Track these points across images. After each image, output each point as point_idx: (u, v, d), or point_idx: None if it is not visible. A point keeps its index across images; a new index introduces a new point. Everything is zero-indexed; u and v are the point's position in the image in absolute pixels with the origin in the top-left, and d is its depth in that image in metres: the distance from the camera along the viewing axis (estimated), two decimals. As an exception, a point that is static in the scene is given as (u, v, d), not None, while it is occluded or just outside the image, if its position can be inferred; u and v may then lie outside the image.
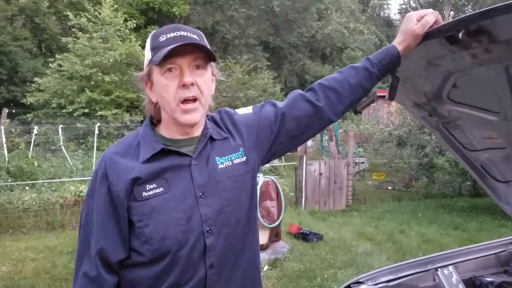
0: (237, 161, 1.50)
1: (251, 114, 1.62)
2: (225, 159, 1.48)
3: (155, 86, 1.41)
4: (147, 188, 1.37)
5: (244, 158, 1.52)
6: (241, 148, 1.52)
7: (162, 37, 1.38)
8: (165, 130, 1.48)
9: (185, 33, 1.39)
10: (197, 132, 1.48)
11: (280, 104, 1.64)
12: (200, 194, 1.39)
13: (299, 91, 1.68)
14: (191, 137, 1.47)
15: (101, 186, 1.38)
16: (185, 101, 1.37)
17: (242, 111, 1.64)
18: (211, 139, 1.49)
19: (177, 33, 1.38)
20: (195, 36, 1.40)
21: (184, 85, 1.35)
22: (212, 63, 1.46)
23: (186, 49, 1.35)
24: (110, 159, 1.41)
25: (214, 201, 1.41)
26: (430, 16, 1.57)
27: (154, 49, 1.38)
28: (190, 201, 1.38)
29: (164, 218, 1.35)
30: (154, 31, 1.46)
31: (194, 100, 1.38)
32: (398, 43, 1.61)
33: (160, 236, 1.34)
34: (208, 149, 1.47)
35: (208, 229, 1.38)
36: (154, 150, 1.40)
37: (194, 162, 1.42)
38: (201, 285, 1.38)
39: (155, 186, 1.37)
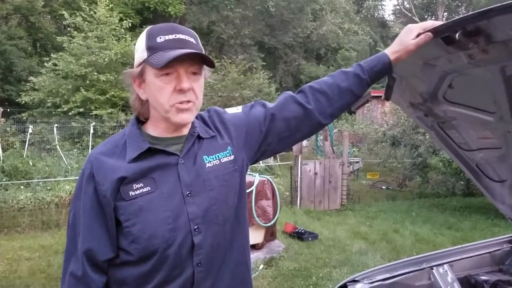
0: (224, 159, 1.50)
1: (240, 113, 1.62)
2: (212, 158, 1.48)
3: (148, 86, 1.40)
4: (134, 188, 1.37)
5: (232, 156, 1.52)
6: (229, 147, 1.53)
7: (160, 38, 1.36)
8: (152, 128, 1.47)
9: (183, 37, 1.38)
10: (185, 130, 1.48)
11: (270, 105, 1.65)
12: (188, 193, 1.39)
13: (290, 92, 1.68)
14: (178, 136, 1.47)
15: (88, 186, 1.38)
16: (180, 103, 1.37)
17: (231, 110, 1.65)
18: (199, 137, 1.49)
19: (175, 36, 1.37)
20: (192, 40, 1.40)
21: (180, 90, 1.35)
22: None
23: (185, 55, 1.34)
24: (97, 159, 1.40)
25: (202, 199, 1.41)
26: (425, 37, 1.56)
27: (151, 49, 1.36)
28: (177, 200, 1.38)
29: (152, 217, 1.35)
30: (149, 28, 1.42)
31: (188, 102, 1.39)
32: (392, 52, 1.60)
33: (147, 235, 1.35)
34: (196, 147, 1.47)
35: (195, 227, 1.38)
36: (140, 149, 1.39)
37: (181, 161, 1.42)
38: (188, 283, 1.39)
39: (142, 185, 1.37)
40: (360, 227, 8.54)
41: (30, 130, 13.11)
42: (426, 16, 40.71)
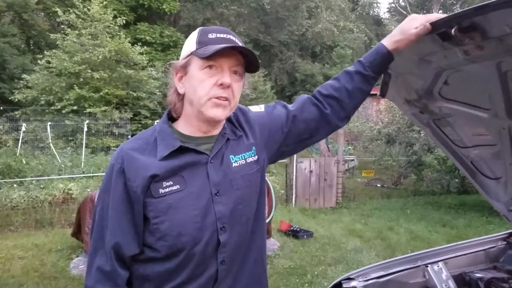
0: (249, 159, 1.53)
1: (263, 113, 1.65)
2: (239, 158, 1.50)
3: (189, 78, 1.42)
4: (164, 185, 1.38)
5: (256, 157, 1.55)
6: (253, 147, 1.55)
7: (212, 35, 1.41)
8: (183, 126, 1.49)
9: (234, 38, 1.43)
10: (215, 131, 1.50)
11: (291, 106, 1.67)
12: (216, 192, 1.41)
13: (307, 95, 1.71)
14: (208, 136, 1.48)
15: (118, 181, 1.39)
16: (217, 98, 1.39)
17: (255, 109, 1.67)
18: (227, 139, 1.51)
19: (226, 36, 1.42)
20: (241, 44, 1.43)
21: (221, 85, 1.38)
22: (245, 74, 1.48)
23: (232, 52, 1.38)
24: (128, 154, 1.41)
25: (228, 199, 1.43)
26: (425, 28, 1.53)
27: (201, 43, 1.40)
28: (205, 199, 1.40)
29: (180, 215, 1.37)
30: (202, 27, 1.49)
31: (225, 99, 1.40)
32: (392, 42, 1.59)
33: (175, 233, 1.36)
34: (223, 148, 1.49)
35: (222, 226, 1.40)
36: (172, 147, 1.41)
37: (211, 161, 1.44)
38: (211, 280, 1.42)
39: (172, 183, 1.39)
40: (355, 225, 8.57)
41: (23, 128, 13.04)
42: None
